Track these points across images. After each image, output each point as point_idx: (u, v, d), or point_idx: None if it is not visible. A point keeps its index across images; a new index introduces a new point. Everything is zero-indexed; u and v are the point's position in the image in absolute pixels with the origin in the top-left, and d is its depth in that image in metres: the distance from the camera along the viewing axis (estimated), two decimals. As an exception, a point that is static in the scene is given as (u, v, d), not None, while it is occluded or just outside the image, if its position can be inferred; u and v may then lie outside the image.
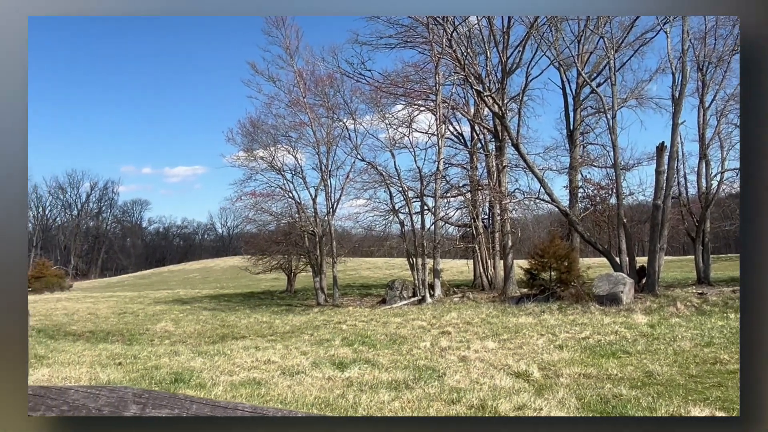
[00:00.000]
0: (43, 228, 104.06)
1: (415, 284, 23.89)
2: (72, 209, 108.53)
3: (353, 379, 8.08)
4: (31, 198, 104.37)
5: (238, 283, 47.58)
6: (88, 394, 0.96)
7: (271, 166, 27.26)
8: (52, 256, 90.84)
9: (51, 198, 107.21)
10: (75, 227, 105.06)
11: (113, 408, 0.89)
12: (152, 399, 0.89)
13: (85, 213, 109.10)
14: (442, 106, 25.17)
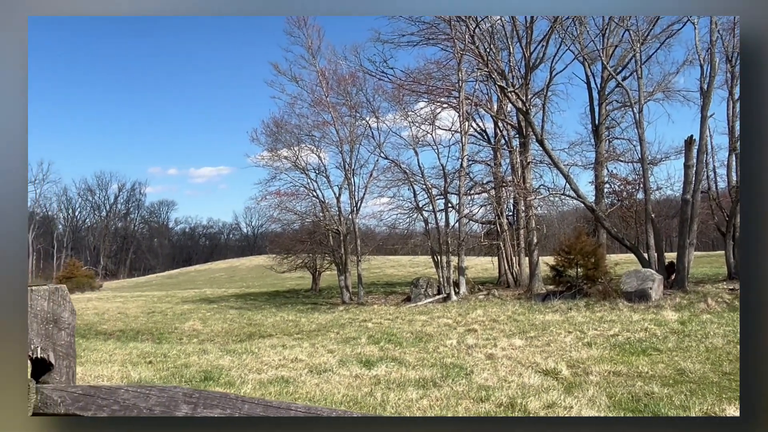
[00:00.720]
0: (73, 229, 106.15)
1: (440, 282, 23.82)
2: (101, 210, 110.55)
3: (380, 377, 8.09)
4: (61, 200, 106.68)
5: (264, 282, 47.97)
6: (138, 393, 0.97)
7: (295, 165, 27.42)
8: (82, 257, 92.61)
9: (80, 200, 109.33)
10: (104, 228, 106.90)
11: (164, 408, 0.90)
12: (203, 399, 0.89)
13: (114, 214, 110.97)
14: (465, 103, 25.04)
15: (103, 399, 1.00)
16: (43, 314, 1.19)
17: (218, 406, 0.86)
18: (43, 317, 1.19)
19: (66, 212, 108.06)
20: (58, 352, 1.22)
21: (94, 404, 1.00)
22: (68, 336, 1.23)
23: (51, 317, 1.20)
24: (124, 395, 0.99)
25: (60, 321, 1.22)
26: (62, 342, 1.22)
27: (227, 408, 0.85)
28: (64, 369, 1.22)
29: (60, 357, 1.22)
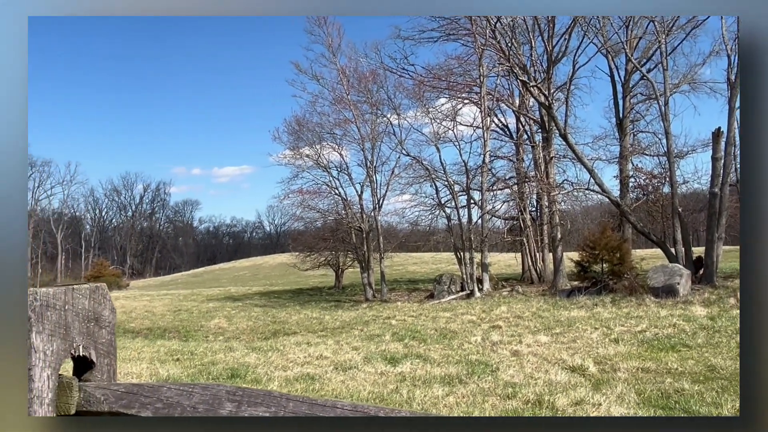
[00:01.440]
0: (100, 229, 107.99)
1: (463, 278, 23.74)
2: (127, 210, 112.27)
3: (406, 374, 8.09)
4: (88, 201, 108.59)
5: (287, 280, 48.28)
6: (181, 391, 0.98)
7: (317, 163, 27.52)
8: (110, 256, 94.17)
9: (107, 200, 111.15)
10: (130, 228, 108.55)
11: (208, 406, 0.90)
12: (246, 396, 0.89)
13: (139, 214, 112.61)
14: (487, 98, 24.89)
15: (146, 397, 1.01)
16: (85, 313, 1.21)
17: (262, 404, 0.86)
18: (84, 316, 1.20)
19: (93, 212, 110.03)
20: (100, 350, 1.23)
21: (137, 402, 1.01)
22: (109, 334, 1.24)
23: (92, 315, 1.22)
24: (167, 393, 0.99)
25: (101, 319, 1.23)
26: (103, 340, 1.24)
27: (272, 406, 0.85)
28: (105, 367, 1.24)
29: (101, 355, 1.23)
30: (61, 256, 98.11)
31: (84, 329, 1.20)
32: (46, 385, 1.15)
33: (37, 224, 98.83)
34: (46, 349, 1.14)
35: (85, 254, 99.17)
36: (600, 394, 6.14)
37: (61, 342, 1.17)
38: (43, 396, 1.14)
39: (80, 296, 1.20)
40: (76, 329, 1.19)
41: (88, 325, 1.21)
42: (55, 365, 1.16)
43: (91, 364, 1.22)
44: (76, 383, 1.17)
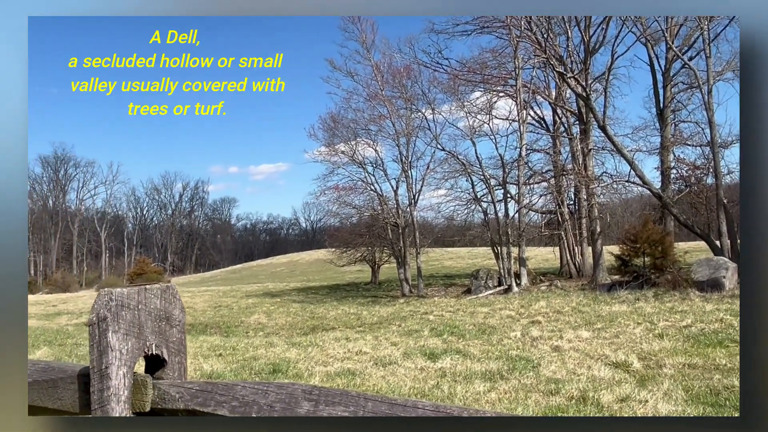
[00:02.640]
0: (141, 227, 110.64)
1: (501, 273, 23.56)
2: (167, 209, 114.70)
3: (446, 369, 8.07)
4: (130, 200, 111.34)
5: (324, 276, 48.65)
6: (256, 390, 1.00)
7: (353, 159, 27.64)
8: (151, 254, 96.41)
9: (148, 199, 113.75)
10: (170, 226, 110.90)
11: (284, 405, 0.92)
12: (323, 396, 0.90)
13: (179, 212, 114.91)
14: (523, 91, 24.59)
15: (221, 395, 1.03)
16: (156, 312, 1.24)
17: (340, 404, 0.87)
18: (156, 315, 1.24)
19: (135, 211, 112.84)
20: (171, 349, 1.26)
21: (212, 400, 1.03)
22: (179, 333, 1.28)
23: (163, 315, 1.25)
24: (242, 391, 1.01)
25: (171, 318, 1.27)
26: (174, 339, 1.27)
27: (350, 405, 0.86)
28: (177, 365, 1.27)
29: (172, 353, 1.27)
30: (105, 254, 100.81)
31: (156, 328, 1.24)
32: (123, 383, 1.19)
33: (82, 223, 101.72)
34: (121, 348, 1.18)
35: (128, 252, 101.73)
36: (646, 391, 6.03)
37: (135, 341, 1.20)
38: (119, 394, 1.18)
39: (152, 296, 1.23)
40: (148, 328, 1.23)
41: (159, 324, 1.24)
42: (130, 363, 1.20)
43: (163, 362, 1.26)
44: (150, 381, 1.21)
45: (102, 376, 1.18)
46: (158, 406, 1.17)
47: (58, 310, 25.67)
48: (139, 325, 1.21)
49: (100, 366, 1.19)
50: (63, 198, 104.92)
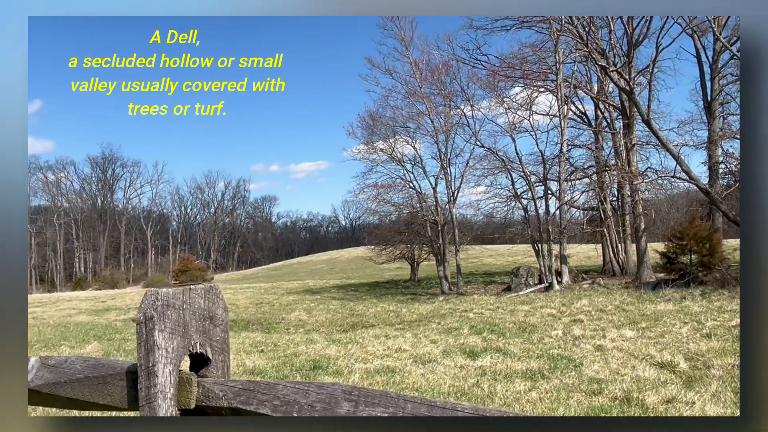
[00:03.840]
0: (185, 225, 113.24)
1: (541, 271, 23.26)
2: (209, 207, 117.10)
3: (486, 367, 8.02)
4: (174, 198, 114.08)
5: (363, 273, 48.88)
6: (297, 389, 1.02)
7: (391, 157, 27.68)
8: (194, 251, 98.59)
9: (191, 198, 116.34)
10: (213, 224, 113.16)
11: (325, 405, 0.93)
12: (363, 396, 0.91)
13: (221, 210, 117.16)
14: (564, 86, 24.18)
15: (263, 394, 1.05)
16: (201, 311, 1.27)
17: (380, 405, 0.88)
18: (200, 314, 1.27)
19: (179, 210, 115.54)
20: (214, 347, 1.29)
21: (255, 399, 1.06)
22: (222, 332, 1.31)
23: (207, 314, 1.28)
24: (283, 390, 1.03)
25: (215, 318, 1.30)
26: (217, 338, 1.30)
27: (389, 407, 0.87)
28: (220, 363, 1.30)
29: (216, 352, 1.30)
30: (151, 251, 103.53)
31: (200, 327, 1.27)
32: (169, 381, 1.22)
33: (129, 222, 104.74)
34: (167, 346, 1.21)
35: (173, 249, 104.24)
36: (693, 392, 5.87)
37: (180, 339, 1.24)
38: (166, 391, 1.21)
39: (196, 296, 1.26)
40: (193, 327, 1.26)
41: (203, 323, 1.28)
42: (175, 362, 1.23)
43: (207, 360, 1.29)
44: (195, 379, 1.24)
45: (149, 374, 1.22)
46: (202, 403, 1.20)
47: (107, 306, 26.47)
48: (184, 325, 1.24)
49: (147, 364, 1.22)
50: (111, 197, 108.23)
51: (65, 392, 1.46)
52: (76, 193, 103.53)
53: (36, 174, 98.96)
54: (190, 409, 1.23)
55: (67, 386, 1.46)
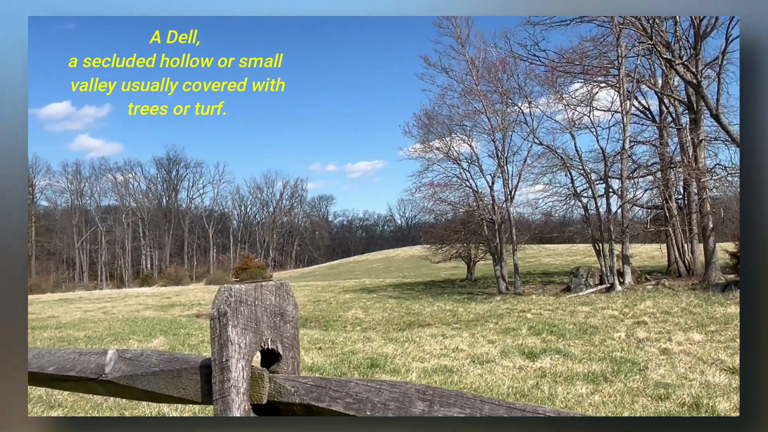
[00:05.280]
0: (245, 224, 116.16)
1: (602, 271, 22.65)
2: (268, 206, 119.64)
3: (545, 369, 7.88)
4: (234, 198, 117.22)
5: (419, 272, 48.83)
6: (369, 387, 1.02)
7: (447, 156, 27.55)
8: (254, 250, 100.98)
9: (251, 197, 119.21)
10: (271, 223, 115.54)
11: (398, 404, 0.93)
12: (438, 396, 0.91)
13: (280, 209, 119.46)
14: (626, 80, 23.45)
15: (335, 391, 1.06)
16: (272, 308, 1.30)
17: (456, 405, 0.87)
18: (271, 311, 1.29)
19: (239, 209, 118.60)
20: (285, 344, 1.32)
21: (327, 396, 1.07)
22: (293, 329, 1.33)
23: (278, 311, 1.30)
24: (355, 388, 1.03)
25: (285, 314, 1.32)
26: (288, 334, 1.32)
27: (466, 407, 0.86)
28: (290, 360, 1.32)
29: (286, 348, 1.32)
30: (213, 249, 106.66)
31: (271, 323, 1.30)
32: (242, 376, 1.25)
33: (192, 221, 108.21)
34: (240, 342, 1.24)
35: (233, 248, 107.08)
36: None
37: (252, 335, 1.26)
38: (239, 386, 1.24)
39: (267, 292, 1.29)
40: (264, 323, 1.28)
41: (274, 319, 1.30)
42: (248, 357, 1.26)
43: (278, 356, 1.31)
44: (266, 374, 1.27)
45: (223, 369, 1.25)
46: (274, 399, 1.23)
47: (172, 302, 27.42)
48: (255, 321, 1.27)
49: (221, 358, 1.25)
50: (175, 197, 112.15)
51: (141, 384, 1.52)
52: (143, 193, 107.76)
53: (106, 175, 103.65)
54: (262, 405, 1.26)
55: (143, 378, 1.52)
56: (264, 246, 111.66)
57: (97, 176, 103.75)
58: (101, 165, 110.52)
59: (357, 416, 0.97)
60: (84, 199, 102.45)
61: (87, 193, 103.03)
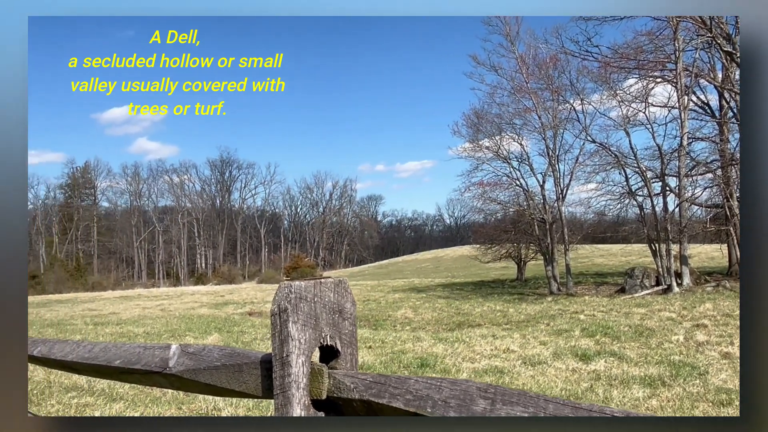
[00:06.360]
0: (296, 224, 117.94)
1: (659, 272, 21.97)
2: (318, 207, 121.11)
3: (600, 372, 7.71)
4: (285, 198, 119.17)
5: (468, 272, 48.48)
6: (429, 385, 1.03)
7: (497, 155, 27.25)
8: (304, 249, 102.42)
9: (301, 197, 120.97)
10: (321, 223, 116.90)
11: (459, 401, 0.93)
12: (500, 395, 0.91)
13: (329, 209, 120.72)
14: (684, 75, 22.67)
15: (395, 388, 1.07)
16: (330, 305, 1.32)
17: (519, 404, 0.86)
18: (330, 308, 1.32)
19: (290, 209, 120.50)
20: (343, 340, 1.34)
21: (387, 392, 1.08)
22: (351, 326, 1.35)
23: (336, 308, 1.33)
24: (415, 385, 1.04)
25: (344, 311, 1.34)
26: (346, 331, 1.34)
27: (529, 406, 0.85)
28: (348, 356, 1.34)
29: (345, 345, 1.34)
30: (264, 249, 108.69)
31: (330, 320, 1.32)
32: (302, 371, 1.28)
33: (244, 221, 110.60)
34: (300, 338, 1.27)
35: (284, 247, 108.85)
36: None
37: (312, 331, 1.29)
38: (299, 381, 1.27)
39: (326, 289, 1.31)
40: (323, 320, 1.31)
41: (333, 316, 1.32)
42: (307, 353, 1.28)
43: (336, 353, 1.34)
44: (326, 370, 1.29)
45: (283, 364, 1.28)
46: (334, 394, 1.24)
47: (225, 300, 28.06)
48: (315, 317, 1.29)
49: (281, 354, 1.28)
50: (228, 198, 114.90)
51: (204, 378, 1.57)
52: (198, 194, 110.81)
53: (162, 177, 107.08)
54: (322, 400, 1.28)
55: (206, 373, 1.57)
56: (314, 245, 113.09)
57: (154, 178, 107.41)
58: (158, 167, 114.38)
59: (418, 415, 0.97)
60: (142, 200, 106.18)
61: (145, 194, 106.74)
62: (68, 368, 2.44)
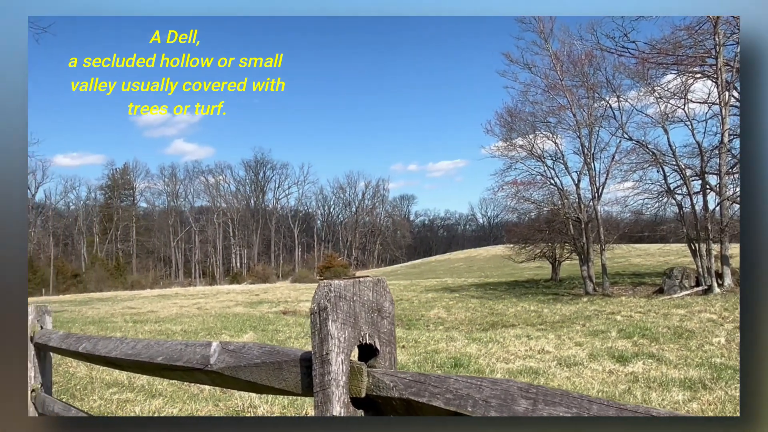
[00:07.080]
0: (329, 224, 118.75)
1: (699, 272, 21.44)
2: (351, 206, 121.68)
3: (638, 374, 7.56)
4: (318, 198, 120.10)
5: (502, 272, 48.09)
6: (470, 384, 1.03)
7: (531, 153, 26.98)
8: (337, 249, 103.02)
9: (334, 197, 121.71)
10: (354, 222, 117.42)
11: (500, 401, 0.93)
12: (542, 395, 0.90)
13: (362, 209, 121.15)
14: (724, 70, 22.07)
15: (435, 387, 1.07)
16: (369, 304, 1.33)
17: (561, 404, 0.86)
18: (369, 306, 1.33)
19: (323, 209, 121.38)
20: (382, 339, 1.35)
21: (426, 391, 1.08)
22: (389, 324, 1.36)
23: (375, 306, 1.34)
24: (455, 384, 1.04)
25: (382, 310, 1.35)
26: (385, 330, 1.35)
27: (572, 407, 0.84)
28: (387, 355, 1.35)
29: (384, 343, 1.35)
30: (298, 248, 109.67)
31: (369, 319, 1.33)
32: (341, 369, 1.29)
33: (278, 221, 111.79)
34: (339, 336, 1.29)
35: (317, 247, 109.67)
36: None
37: (351, 330, 1.30)
38: (338, 379, 1.28)
39: (365, 288, 1.33)
40: (362, 319, 1.32)
41: (372, 315, 1.33)
42: (347, 351, 1.30)
43: (375, 351, 1.35)
44: (365, 369, 1.30)
45: (323, 362, 1.30)
46: (373, 393, 1.25)
47: (260, 299, 28.41)
48: (354, 316, 1.31)
49: (321, 352, 1.30)
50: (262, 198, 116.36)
51: (244, 375, 1.60)
52: (233, 194, 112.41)
53: (198, 177, 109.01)
54: (361, 399, 1.29)
55: (246, 370, 1.60)
56: (347, 245, 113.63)
57: (190, 179, 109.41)
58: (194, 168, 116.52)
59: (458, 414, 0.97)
60: (179, 200, 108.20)
61: (182, 195, 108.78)
62: (112, 364, 2.52)
